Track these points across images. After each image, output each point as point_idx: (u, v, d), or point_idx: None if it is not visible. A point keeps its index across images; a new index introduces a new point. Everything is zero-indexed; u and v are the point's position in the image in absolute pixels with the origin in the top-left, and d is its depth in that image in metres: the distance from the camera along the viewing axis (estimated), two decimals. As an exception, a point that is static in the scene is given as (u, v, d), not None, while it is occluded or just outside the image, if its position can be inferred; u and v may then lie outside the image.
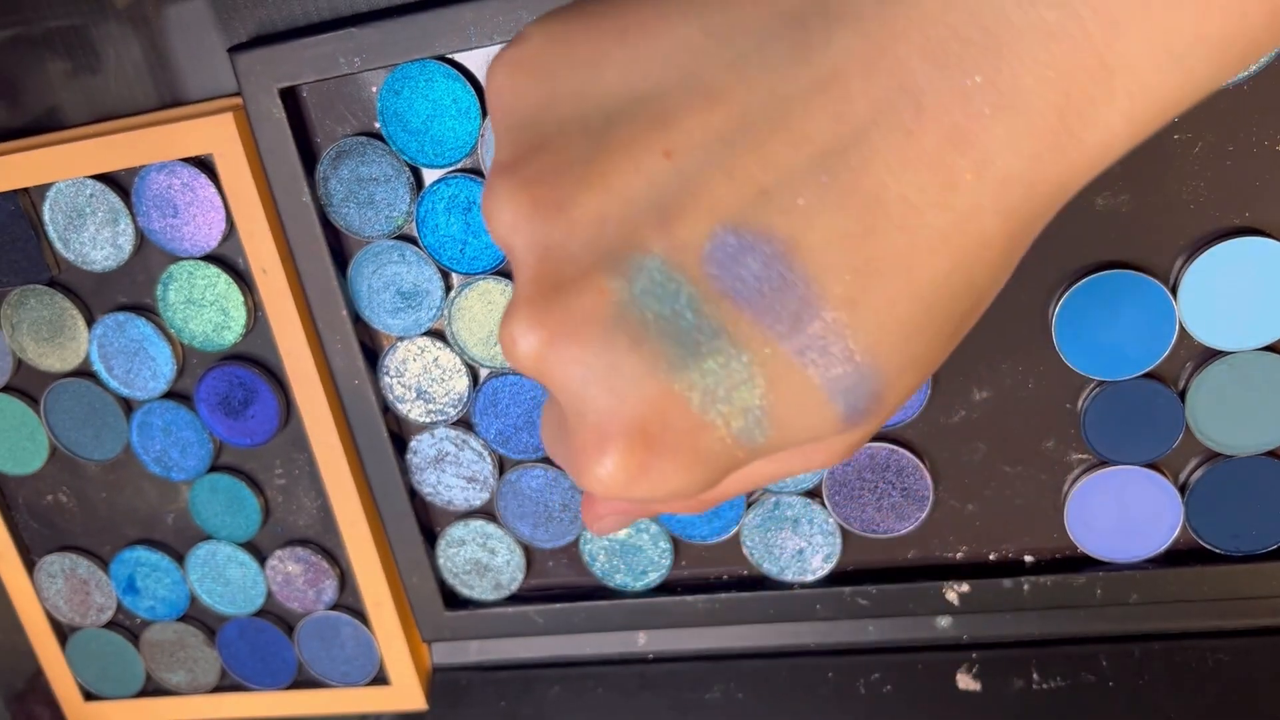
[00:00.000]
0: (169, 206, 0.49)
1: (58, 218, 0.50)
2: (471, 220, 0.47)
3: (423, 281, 0.48)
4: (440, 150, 0.46)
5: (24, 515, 0.60)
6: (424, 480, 0.53)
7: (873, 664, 0.52)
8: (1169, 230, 0.42)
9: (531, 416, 0.50)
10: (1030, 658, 0.50)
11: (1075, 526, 0.47)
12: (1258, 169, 0.40)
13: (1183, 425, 0.44)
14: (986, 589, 0.49)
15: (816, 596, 0.51)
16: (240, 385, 0.52)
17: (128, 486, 0.57)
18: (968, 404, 0.46)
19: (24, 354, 0.54)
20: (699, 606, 0.52)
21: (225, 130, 0.46)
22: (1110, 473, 0.46)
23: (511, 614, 0.55)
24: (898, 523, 0.49)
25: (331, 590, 0.57)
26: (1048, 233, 0.43)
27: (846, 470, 0.48)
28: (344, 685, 0.59)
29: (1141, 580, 0.47)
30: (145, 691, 0.63)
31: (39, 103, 0.50)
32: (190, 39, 0.47)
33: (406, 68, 0.44)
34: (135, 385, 0.53)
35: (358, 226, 0.48)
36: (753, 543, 0.51)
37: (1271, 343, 0.42)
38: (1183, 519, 0.46)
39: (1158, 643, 0.49)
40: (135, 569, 0.59)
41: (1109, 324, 0.43)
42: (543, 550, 0.54)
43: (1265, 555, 0.46)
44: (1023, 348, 0.45)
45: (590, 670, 0.56)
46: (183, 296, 0.51)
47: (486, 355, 0.49)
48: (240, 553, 0.57)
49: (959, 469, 0.48)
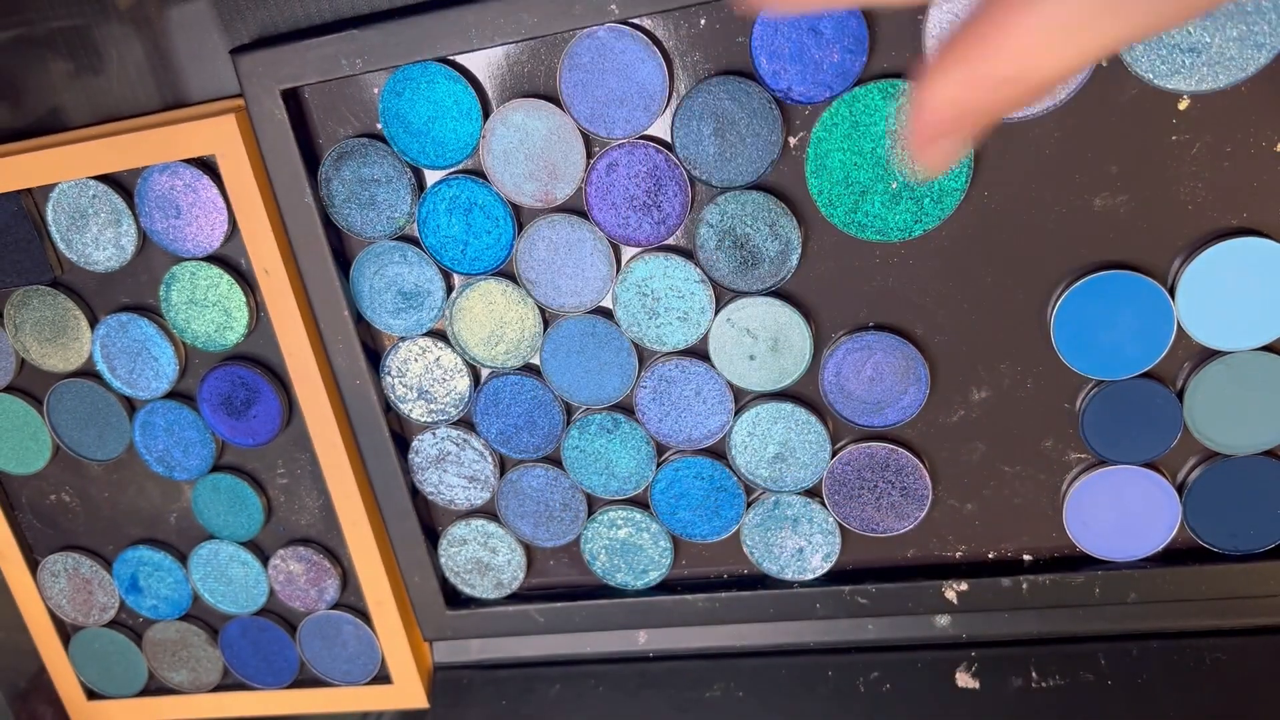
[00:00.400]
0: (171, 207, 0.49)
1: (60, 218, 0.50)
2: (472, 221, 0.47)
3: (424, 282, 0.49)
4: (442, 151, 0.46)
5: (27, 515, 0.60)
6: (425, 480, 0.53)
7: (872, 662, 0.52)
8: (1167, 231, 0.42)
9: (532, 416, 0.51)
10: (1029, 656, 0.50)
11: (1074, 526, 0.48)
12: (1255, 170, 0.41)
13: (1181, 425, 0.45)
14: (985, 588, 0.49)
15: (816, 595, 0.51)
16: (242, 385, 0.53)
17: (130, 486, 0.57)
18: (966, 404, 0.47)
19: (27, 354, 0.54)
20: (699, 605, 0.52)
21: (227, 131, 0.47)
22: (1108, 472, 0.46)
23: (512, 613, 0.55)
24: (897, 522, 0.49)
25: (333, 589, 0.57)
26: (1047, 233, 0.43)
27: (846, 470, 0.48)
28: (346, 684, 0.59)
29: (1140, 579, 0.47)
30: (148, 690, 0.63)
31: (42, 104, 0.50)
32: (192, 40, 0.47)
33: (408, 69, 0.44)
34: (138, 385, 0.54)
35: (359, 227, 0.48)
36: (752, 542, 0.51)
37: (1269, 343, 0.43)
38: (1181, 518, 0.46)
39: (1156, 641, 0.49)
40: (138, 568, 0.59)
41: (1107, 324, 0.43)
42: (543, 549, 0.55)
43: (1263, 554, 0.46)
44: (1021, 348, 0.45)
45: (591, 669, 0.56)
46: (185, 297, 0.51)
47: (487, 355, 0.50)
48: (242, 552, 0.57)
49: (958, 468, 0.48)
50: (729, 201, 0.44)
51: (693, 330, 0.47)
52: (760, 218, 0.44)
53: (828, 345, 0.46)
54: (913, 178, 0.22)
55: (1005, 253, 0.43)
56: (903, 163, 0.22)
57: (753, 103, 0.42)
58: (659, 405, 0.49)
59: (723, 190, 0.44)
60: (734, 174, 0.43)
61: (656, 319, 0.47)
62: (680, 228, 0.45)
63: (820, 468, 0.48)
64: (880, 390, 0.46)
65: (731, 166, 0.43)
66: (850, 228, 0.43)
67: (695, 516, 0.51)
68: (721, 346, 0.47)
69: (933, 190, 0.42)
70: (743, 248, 0.45)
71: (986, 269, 0.44)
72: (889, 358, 0.46)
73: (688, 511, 0.51)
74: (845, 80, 0.41)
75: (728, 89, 0.42)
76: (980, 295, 0.44)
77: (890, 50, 0.41)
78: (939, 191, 0.42)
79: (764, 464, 0.49)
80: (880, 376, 0.46)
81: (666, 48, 0.42)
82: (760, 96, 0.42)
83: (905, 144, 0.22)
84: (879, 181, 0.42)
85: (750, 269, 0.45)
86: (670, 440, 0.50)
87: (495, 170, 0.45)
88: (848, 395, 0.47)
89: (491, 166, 0.45)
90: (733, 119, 0.42)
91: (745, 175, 0.43)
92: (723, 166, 0.43)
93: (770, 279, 0.45)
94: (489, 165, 0.45)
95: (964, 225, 0.43)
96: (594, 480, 0.51)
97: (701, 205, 0.45)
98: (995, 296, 0.44)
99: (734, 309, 0.46)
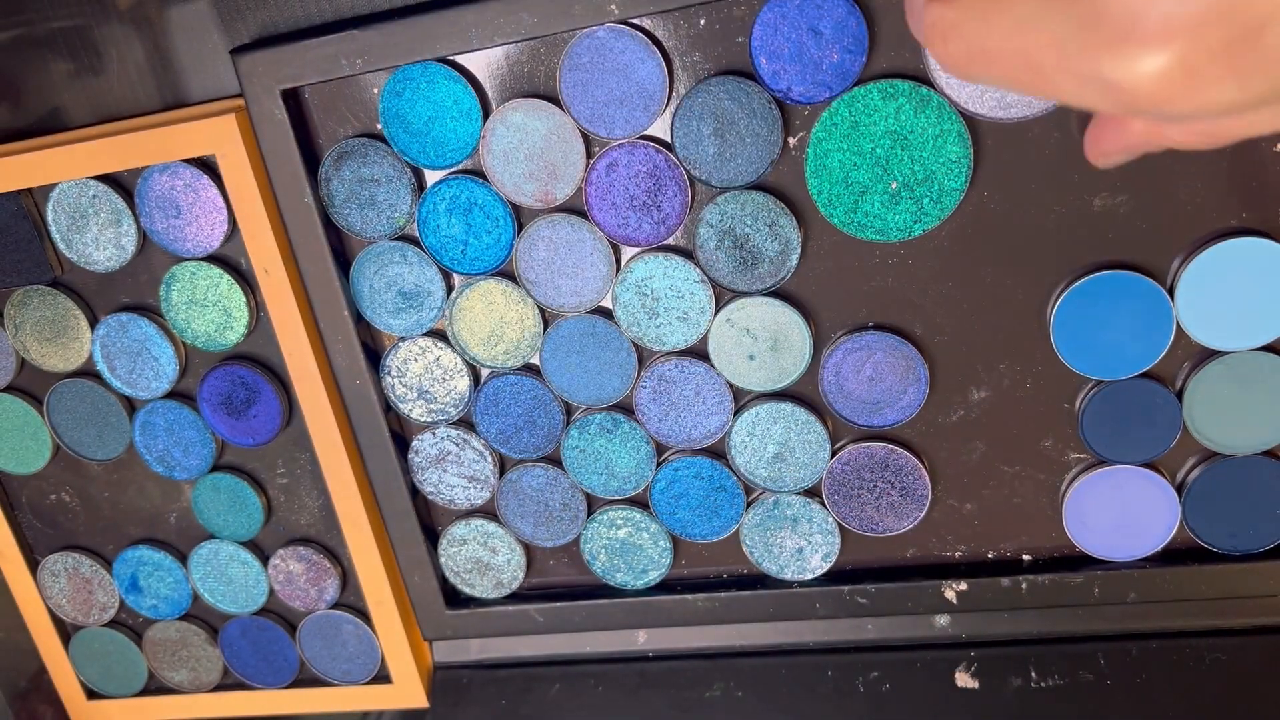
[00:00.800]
0: (171, 207, 0.49)
1: (61, 218, 0.51)
2: (472, 221, 0.47)
3: (424, 282, 0.49)
4: (441, 151, 0.46)
5: (27, 515, 0.60)
6: (425, 479, 0.53)
7: (871, 662, 0.52)
8: (1166, 231, 0.42)
9: (532, 416, 0.51)
10: (1028, 656, 0.50)
11: (1073, 526, 0.48)
12: (1255, 170, 0.41)
13: (1180, 425, 0.45)
14: (985, 588, 0.49)
15: (816, 595, 0.51)
16: (242, 385, 0.53)
17: (130, 486, 0.57)
18: (966, 404, 0.47)
19: (27, 354, 0.54)
20: (699, 605, 0.52)
21: (227, 131, 0.47)
22: (1108, 472, 0.46)
23: (512, 612, 0.55)
24: (896, 522, 0.49)
25: (333, 589, 0.57)
26: (1046, 233, 0.43)
27: (845, 470, 0.48)
28: (345, 683, 0.59)
29: (1139, 579, 0.47)
30: (148, 690, 0.63)
31: (42, 104, 0.50)
32: (193, 40, 0.47)
33: (408, 69, 0.44)
34: (138, 385, 0.54)
35: (359, 227, 0.48)
36: (752, 542, 0.51)
37: (1268, 343, 0.43)
38: (1180, 518, 0.46)
39: (1155, 641, 0.49)
40: (138, 568, 0.59)
41: (1107, 324, 0.43)
42: (543, 549, 0.55)
43: (1262, 554, 0.46)
44: (1021, 348, 0.45)
45: (590, 668, 0.56)
46: (185, 297, 0.51)
47: (487, 355, 0.50)
48: (242, 552, 0.57)
49: (957, 468, 0.48)
50: (729, 201, 0.44)
51: (692, 330, 0.47)
52: (760, 218, 0.44)
53: (827, 345, 0.46)
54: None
55: (1005, 253, 0.43)
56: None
57: (752, 103, 0.42)
58: (659, 405, 0.49)
59: (722, 190, 0.44)
60: (734, 174, 0.43)
61: (656, 319, 0.47)
62: (680, 228, 0.45)
63: (820, 468, 0.49)
64: (880, 390, 0.46)
65: (731, 166, 0.43)
66: (850, 228, 0.43)
67: (695, 516, 0.51)
68: (721, 346, 0.47)
69: (932, 190, 0.42)
70: (742, 248, 0.45)
71: (986, 269, 0.44)
72: (889, 358, 0.46)
73: (687, 511, 0.51)
74: (845, 80, 0.41)
75: (727, 89, 0.42)
76: (980, 295, 0.44)
77: (890, 50, 0.41)
78: (938, 191, 0.42)
79: (764, 464, 0.49)
80: (880, 376, 0.46)
81: (666, 48, 0.42)
82: (760, 96, 0.42)
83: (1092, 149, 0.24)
84: (878, 181, 0.42)
85: (750, 269, 0.45)
86: (670, 440, 0.50)
87: (495, 170, 0.45)
88: (847, 395, 0.47)
89: (491, 166, 0.45)
90: (732, 119, 0.42)
91: (745, 175, 0.43)
92: (722, 166, 0.43)
93: (770, 279, 0.45)
94: (489, 165, 0.45)
95: (963, 225, 0.43)
96: (594, 480, 0.51)
97: (701, 205, 0.45)
98: (995, 296, 0.44)
99: (734, 309, 0.46)
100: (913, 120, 0.41)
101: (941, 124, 0.41)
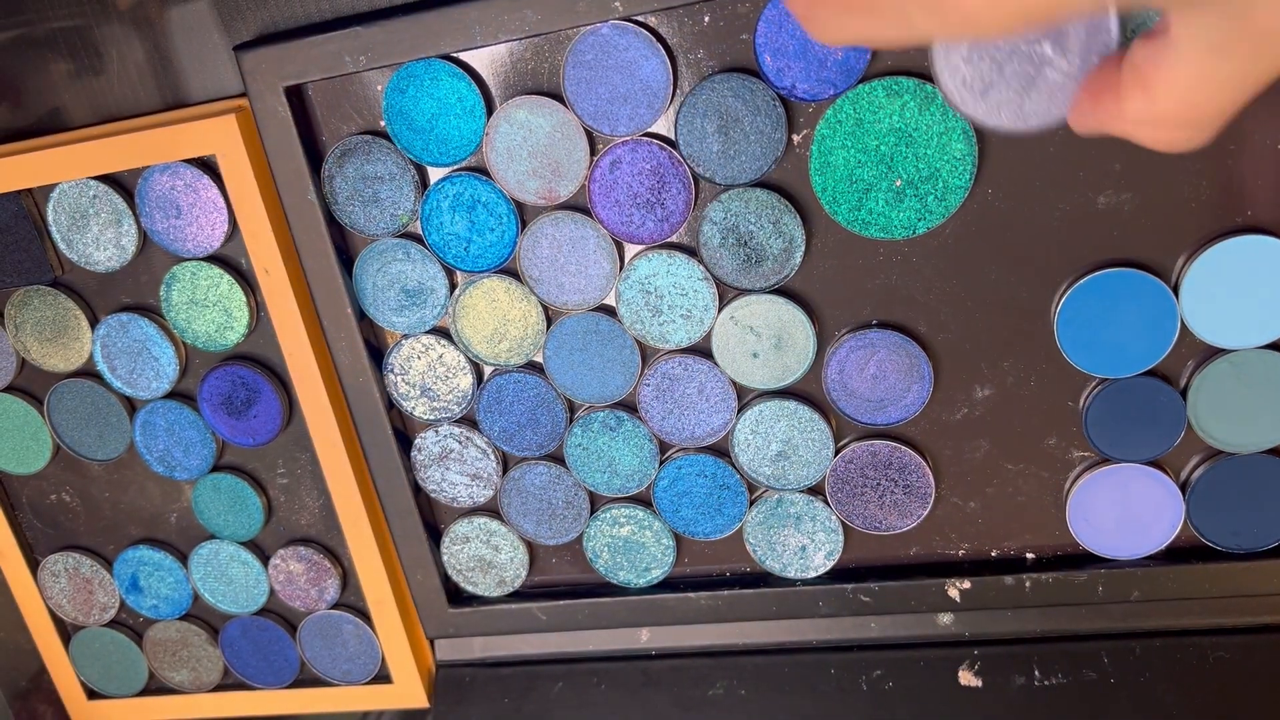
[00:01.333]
0: (172, 207, 0.49)
1: (61, 218, 0.50)
2: (476, 218, 0.47)
3: (427, 279, 0.48)
4: (445, 149, 0.46)
5: (28, 515, 0.60)
6: (428, 477, 0.53)
7: (875, 660, 0.52)
8: (1171, 229, 0.42)
9: (535, 414, 0.50)
10: (1032, 654, 0.50)
11: (1077, 524, 0.48)
12: (1259, 168, 0.41)
13: (1184, 423, 0.45)
14: (988, 586, 0.49)
15: (819, 593, 0.51)
16: (243, 385, 0.52)
17: (131, 486, 0.57)
18: (970, 402, 0.47)
19: (27, 354, 0.54)
20: (702, 603, 0.52)
21: (228, 131, 0.46)
22: (1112, 470, 0.46)
23: (515, 611, 0.55)
24: (900, 520, 0.49)
25: (334, 589, 0.57)
26: (1051, 231, 0.43)
27: (849, 468, 0.48)
28: (346, 683, 0.59)
29: (1143, 577, 0.47)
30: (148, 690, 0.63)
31: (42, 104, 0.50)
32: (193, 40, 0.47)
33: (412, 66, 0.44)
34: (138, 385, 0.53)
35: (362, 225, 0.48)
36: (755, 540, 0.51)
37: (1273, 341, 0.43)
38: (1184, 516, 0.46)
39: (1159, 640, 0.49)
40: (138, 568, 0.59)
41: (1111, 322, 0.43)
42: (546, 547, 0.55)
43: (1266, 553, 0.46)
44: (1025, 346, 0.45)
45: (593, 667, 0.56)
46: (186, 297, 0.51)
47: (490, 353, 0.49)
48: (243, 552, 0.57)
49: (961, 466, 0.48)
50: (733, 199, 0.44)
51: (696, 328, 0.47)
52: (764, 215, 0.44)
53: (831, 343, 0.46)
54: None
55: (1009, 250, 0.43)
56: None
57: (756, 100, 0.42)
58: (662, 403, 0.49)
59: (726, 188, 0.44)
60: (738, 171, 0.43)
61: (660, 316, 0.47)
62: (684, 225, 0.45)
63: (823, 465, 0.48)
64: (883, 388, 0.46)
65: (735, 164, 0.43)
66: (854, 225, 0.43)
67: (698, 514, 0.51)
68: (725, 344, 0.47)
69: (936, 188, 0.42)
70: (746, 245, 0.45)
71: (990, 267, 0.44)
72: (892, 355, 0.46)
73: (690, 509, 0.51)
74: (849, 78, 0.41)
75: (731, 86, 0.42)
76: (984, 293, 0.44)
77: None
78: (942, 189, 0.42)
79: (767, 462, 0.49)
80: (883, 374, 0.46)
81: (670, 45, 0.42)
82: (764, 94, 0.42)
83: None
84: (883, 179, 0.42)
85: (754, 266, 0.45)
86: (673, 438, 0.50)
87: (498, 167, 0.45)
88: (851, 393, 0.47)
89: (495, 164, 0.45)
90: (736, 116, 0.42)
91: (749, 173, 0.43)
92: (726, 164, 0.43)
93: (774, 276, 0.45)
94: (492, 162, 0.45)
95: (967, 223, 0.43)
96: (597, 478, 0.51)
97: (705, 203, 0.45)
98: (999, 294, 0.44)
99: (737, 306, 0.46)
100: (917, 117, 0.41)
101: (946, 121, 0.41)
